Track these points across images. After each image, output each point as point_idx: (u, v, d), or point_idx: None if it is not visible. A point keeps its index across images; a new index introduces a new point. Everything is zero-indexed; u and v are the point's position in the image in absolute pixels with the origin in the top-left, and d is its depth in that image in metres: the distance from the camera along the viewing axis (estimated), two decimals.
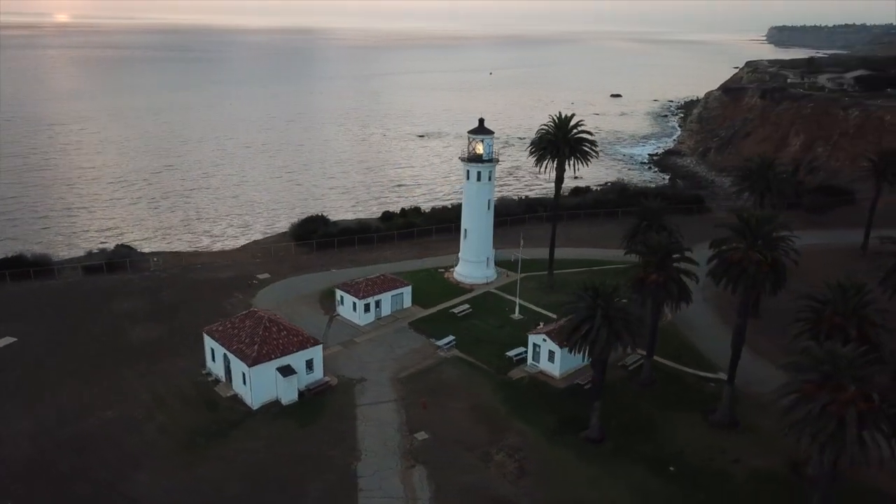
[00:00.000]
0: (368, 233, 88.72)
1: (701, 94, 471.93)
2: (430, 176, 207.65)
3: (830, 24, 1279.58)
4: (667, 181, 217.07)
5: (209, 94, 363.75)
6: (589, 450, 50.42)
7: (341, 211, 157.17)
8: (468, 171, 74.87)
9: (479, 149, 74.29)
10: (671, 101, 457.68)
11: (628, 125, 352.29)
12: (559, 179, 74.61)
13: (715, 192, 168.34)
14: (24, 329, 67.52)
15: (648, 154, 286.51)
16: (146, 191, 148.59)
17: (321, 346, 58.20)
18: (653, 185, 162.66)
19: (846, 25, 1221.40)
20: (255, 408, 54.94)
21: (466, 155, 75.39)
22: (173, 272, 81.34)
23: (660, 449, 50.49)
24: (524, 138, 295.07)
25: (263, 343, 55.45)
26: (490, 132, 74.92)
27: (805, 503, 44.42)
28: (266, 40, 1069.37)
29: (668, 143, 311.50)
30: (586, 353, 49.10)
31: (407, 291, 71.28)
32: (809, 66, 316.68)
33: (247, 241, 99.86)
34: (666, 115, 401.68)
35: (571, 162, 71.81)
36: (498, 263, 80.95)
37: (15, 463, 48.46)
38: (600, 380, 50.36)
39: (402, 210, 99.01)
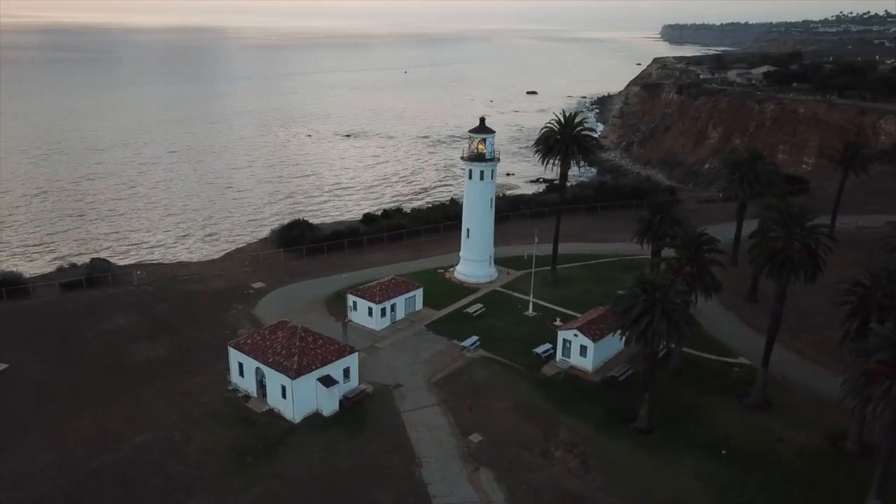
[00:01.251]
0: (357, 236, 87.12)
1: (612, 90, 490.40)
2: (369, 177, 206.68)
3: (718, 23, 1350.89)
4: (608, 176, 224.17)
5: (114, 97, 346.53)
6: (642, 440, 51.60)
7: (303, 216, 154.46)
8: (471, 171, 74.87)
9: (482, 148, 74.36)
10: (584, 98, 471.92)
11: (543, 122, 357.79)
12: (563, 176, 75.79)
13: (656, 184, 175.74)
14: (12, 353, 62.56)
15: None
16: (87, 201, 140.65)
17: (357, 353, 56.87)
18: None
19: (732, 24, 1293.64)
20: (297, 421, 53.11)
21: (467, 154, 75.31)
22: (159, 285, 77.23)
23: (707, 434, 52.25)
24: (457, 137, 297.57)
25: (302, 354, 53.66)
26: (491, 131, 75.21)
27: (850, 476, 47.41)
28: (165, 39, 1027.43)
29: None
30: (642, 346, 50.21)
31: (419, 294, 70.62)
32: (718, 63, 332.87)
33: (218, 251, 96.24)
34: (582, 111, 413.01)
35: (577, 159, 72.97)
36: (499, 262, 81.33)
37: (57, 500, 44.91)
38: (650, 372, 51.67)
39: (385, 212, 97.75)
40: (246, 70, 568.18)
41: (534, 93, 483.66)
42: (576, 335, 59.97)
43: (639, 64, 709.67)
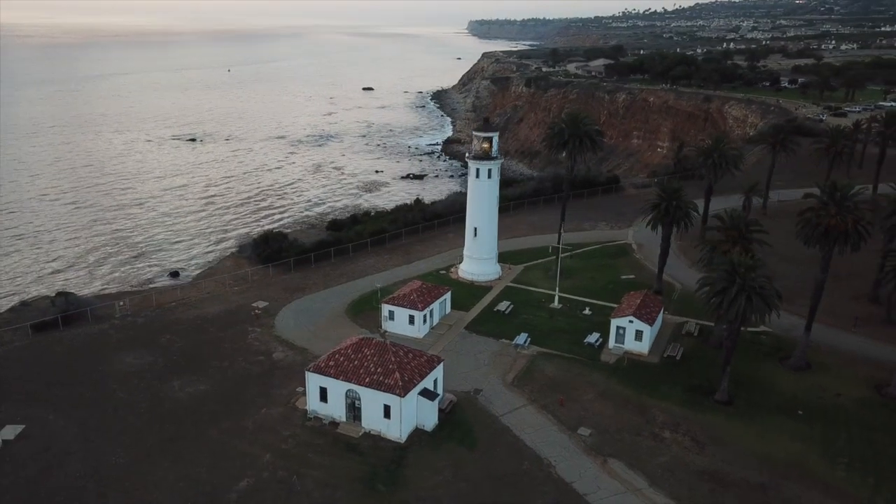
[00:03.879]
0: (342, 244, 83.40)
1: (444, 85, 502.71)
2: (248, 188, 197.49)
3: (520, 19, 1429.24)
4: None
5: None
6: (729, 411, 55.24)
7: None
8: (477, 170, 74.71)
9: (487, 146, 74.54)
10: (421, 92, 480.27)
11: (395, 117, 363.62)
12: (571, 169, 78.02)
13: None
14: (19, 411, 53.49)
15: (428, 144, 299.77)
16: None
17: (443, 363, 55.26)
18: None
19: (533, 19, 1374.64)
20: (403, 441, 50.74)
21: (473, 153, 75.14)
22: (149, 316, 69.11)
23: (777, 398, 57.00)
24: (315, 136, 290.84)
25: (402, 369, 51.26)
26: (495, 130, 75.72)
27: None
28: None
29: (446, 133, 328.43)
30: (728, 324, 53.73)
31: (448, 297, 69.60)
32: (555, 57, 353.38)
33: (146, 273, 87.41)
34: (424, 106, 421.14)
35: (582, 153, 75.52)
36: (501, 256, 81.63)
37: None
38: (733, 347, 55.41)
39: (354, 217, 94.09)
40: (48, 73, 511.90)
41: (370, 89, 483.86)
42: (631, 321, 62.50)
43: (459, 58, 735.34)
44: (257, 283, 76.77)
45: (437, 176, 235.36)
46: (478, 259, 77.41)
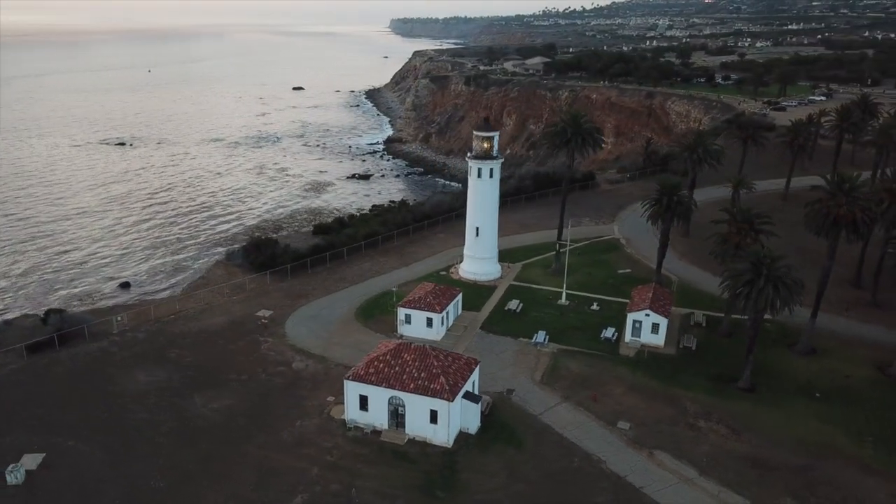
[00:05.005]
0: (337, 248, 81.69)
1: (376, 84, 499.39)
2: (180, 187, 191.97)
3: (442, 17, 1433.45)
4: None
5: None
6: (753, 398, 57.20)
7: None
8: (479, 169, 74.53)
9: (487, 145, 74.52)
10: (353, 91, 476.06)
11: (330, 117, 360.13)
12: (570, 166, 78.74)
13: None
14: (34, 439, 50.09)
15: (369, 143, 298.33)
16: None
17: (479, 364, 54.97)
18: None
19: (455, 18, 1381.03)
20: (451, 445, 50.25)
21: (474, 153, 74.96)
22: (149, 330, 65.78)
23: (793, 383, 59.42)
24: (254, 137, 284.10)
25: (445, 374, 50.71)
26: (495, 129, 75.75)
27: None
28: None
29: (386, 132, 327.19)
30: (751, 313, 55.59)
31: (460, 298, 69.25)
32: (490, 55, 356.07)
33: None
34: (358, 105, 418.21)
35: (582, 149, 76.46)
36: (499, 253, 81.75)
37: None
38: (755, 336, 57.34)
39: (341, 220, 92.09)
40: None
41: (300, 88, 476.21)
42: (647, 315, 63.82)
43: (386, 57, 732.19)
44: (256, 292, 74.30)
45: (382, 175, 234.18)
46: (480, 259, 77.35)
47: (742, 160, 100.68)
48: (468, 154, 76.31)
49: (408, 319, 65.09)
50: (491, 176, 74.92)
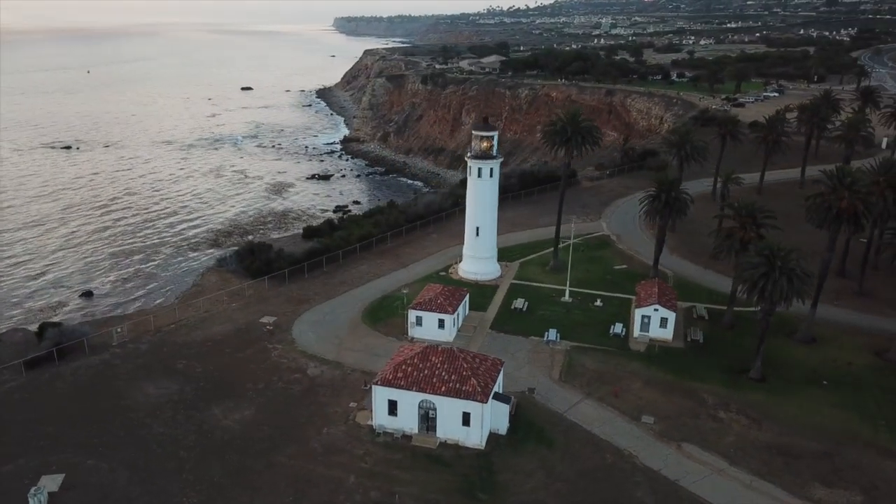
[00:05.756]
0: (332, 251, 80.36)
1: (326, 83, 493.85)
2: (138, 192, 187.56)
3: (386, 16, 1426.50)
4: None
5: None
6: (766, 388, 58.62)
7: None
8: (479, 169, 74.36)
9: (486, 145, 74.45)
10: (303, 91, 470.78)
11: (283, 117, 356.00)
12: (567, 164, 79.19)
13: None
14: (50, 458, 47.92)
15: (325, 143, 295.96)
16: None
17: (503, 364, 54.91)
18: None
19: (401, 16, 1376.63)
20: (483, 446, 50.06)
21: (473, 152, 74.79)
22: (152, 341, 63.50)
23: (801, 372, 61.13)
24: (207, 139, 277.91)
25: (475, 375, 50.48)
26: (495, 129, 75.68)
27: None
28: None
29: (341, 131, 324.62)
30: (766, 304, 56.96)
31: (467, 298, 69.03)
32: (445, 53, 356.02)
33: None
34: (310, 105, 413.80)
35: (581, 147, 77.04)
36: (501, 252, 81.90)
37: None
38: (767, 328, 58.76)
39: (330, 222, 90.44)
40: None
41: (249, 88, 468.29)
42: (656, 309, 64.76)
43: (333, 56, 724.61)
44: (255, 298, 72.53)
45: (343, 176, 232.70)
46: (480, 258, 77.24)
47: (720, 155, 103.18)
48: (467, 154, 76.11)
49: (419, 322, 64.53)
50: (491, 175, 74.89)
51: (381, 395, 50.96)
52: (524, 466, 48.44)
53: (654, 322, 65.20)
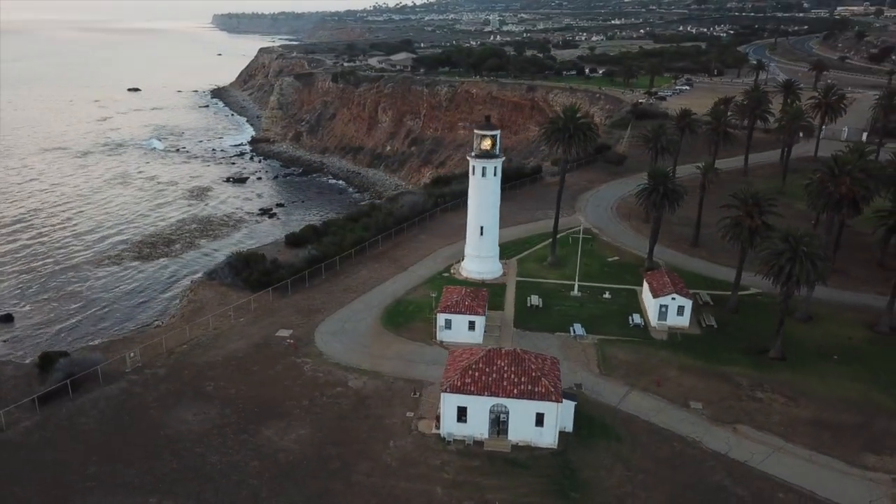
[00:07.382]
0: (329, 258, 77.55)
1: (219, 83, 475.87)
2: (35, 206, 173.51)
3: (269, 13, 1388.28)
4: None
5: None
6: (788, 366, 61.93)
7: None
8: (483, 168, 74.02)
9: (487, 144, 74.24)
10: (197, 91, 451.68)
11: (180, 119, 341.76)
12: (565, 161, 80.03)
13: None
14: (105, 501, 43.74)
15: (233, 145, 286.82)
16: None
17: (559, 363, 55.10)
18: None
19: (285, 13, 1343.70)
20: (556, 445, 50.14)
21: (475, 152, 74.36)
22: (169, 365, 59.00)
23: (812, 350, 64.87)
24: (103, 145, 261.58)
25: (545, 375, 50.40)
26: (497, 128, 75.47)
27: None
28: None
29: (247, 132, 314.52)
30: (791, 287, 60.14)
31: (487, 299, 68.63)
32: (351, 51, 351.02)
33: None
34: (207, 105, 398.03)
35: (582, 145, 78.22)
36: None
37: None
38: (786, 309, 62.08)
39: (314, 228, 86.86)
40: None
41: (137, 90, 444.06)
42: (673, 298, 66.96)
43: (220, 54, 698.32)
44: (262, 311, 68.90)
45: (259, 178, 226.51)
46: (484, 257, 76.99)
47: (678, 146, 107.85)
48: (469, 153, 75.58)
49: (448, 325, 63.61)
50: (494, 174, 74.79)
51: (450, 403, 49.91)
52: (602, 462, 48.91)
53: (672, 311, 67.37)
